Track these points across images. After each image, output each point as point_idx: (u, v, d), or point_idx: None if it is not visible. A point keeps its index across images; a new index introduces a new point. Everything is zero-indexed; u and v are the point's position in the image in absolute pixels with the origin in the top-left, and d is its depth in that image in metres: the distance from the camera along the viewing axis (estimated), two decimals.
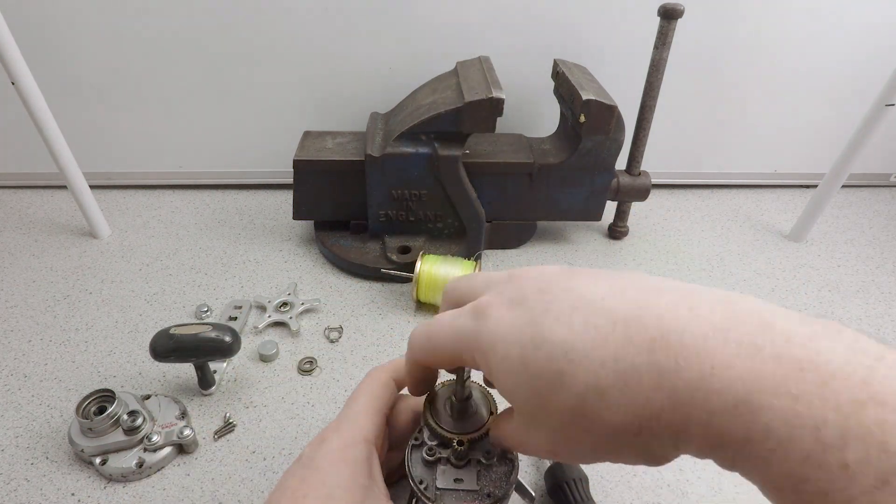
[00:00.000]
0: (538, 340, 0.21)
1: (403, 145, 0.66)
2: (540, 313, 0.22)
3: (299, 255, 0.75)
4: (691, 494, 0.47)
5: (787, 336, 0.18)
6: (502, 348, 0.23)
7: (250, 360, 0.59)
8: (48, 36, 0.75)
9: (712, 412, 0.18)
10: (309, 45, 0.78)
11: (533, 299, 0.23)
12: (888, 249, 0.81)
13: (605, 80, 0.71)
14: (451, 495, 0.31)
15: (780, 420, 0.16)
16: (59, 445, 0.49)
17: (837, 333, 0.17)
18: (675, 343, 0.19)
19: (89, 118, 0.83)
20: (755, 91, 0.85)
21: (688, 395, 0.18)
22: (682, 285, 0.21)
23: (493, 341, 0.23)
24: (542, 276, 0.24)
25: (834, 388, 0.16)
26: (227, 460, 0.49)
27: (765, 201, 0.92)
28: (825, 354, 0.17)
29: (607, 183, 0.73)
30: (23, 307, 0.65)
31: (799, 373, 0.17)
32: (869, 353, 0.17)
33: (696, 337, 0.18)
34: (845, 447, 0.15)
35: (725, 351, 0.18)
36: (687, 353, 0.18)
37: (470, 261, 0.66)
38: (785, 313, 0.19)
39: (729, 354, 0.18)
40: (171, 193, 0.89)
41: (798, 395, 0.16)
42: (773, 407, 0.17)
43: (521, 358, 0.22)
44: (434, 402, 0.33)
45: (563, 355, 0.21)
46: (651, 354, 0.19)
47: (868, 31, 0.80)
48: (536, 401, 0.22)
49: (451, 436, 0.31)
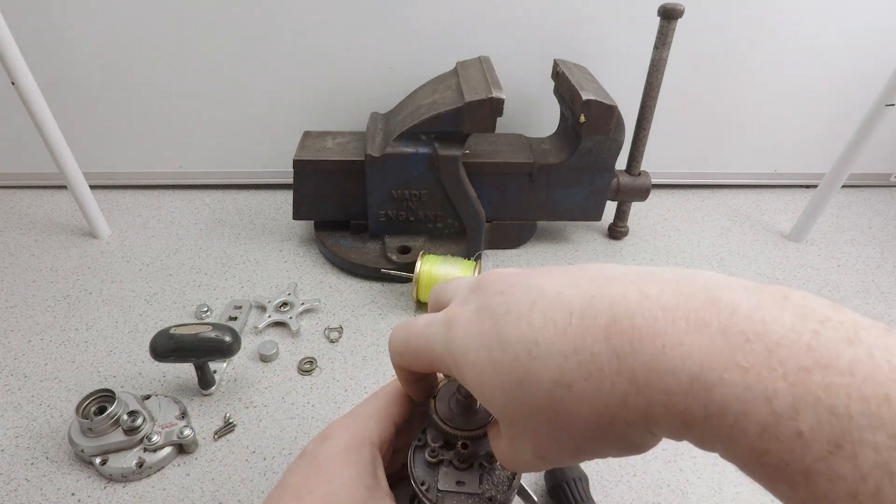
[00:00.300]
0: (502, 343, 0.22)
1: (403, 145, 0.66)
2: (502, 315, 0.22)
3: (299, 255, 0.75)
4: (691, 494, 0.47)
5: (732, 309, 0.18)
6: (472, 356, 0.23)
7: (250, 360, 0.59)
8: (48, 36, 0.75)
9: (670, 392, 0.18)
10: (309, 46, 0.78)
11: (495, 303, 0.23)
12: (888, 249, 0.81)
13: (605, 80, 0.71)
14: (452, 497, 0.31)
15: (733, 395, 0.17)
16: (59, 445, 0.49)
17: (784, 300, 0.18)
18: (627, 327, 0.19)
19: (89, 118, 0.83)
20: (755, 91, 0.85)
21: (645, 376, 0.18)
22: (636, 269, 0.21)
23: (463, 350, 0.23)
24: (502, 279, 0.24)
25: (780, 356, 0.16)
26: (227, 460, 0.49)
27: (765, 201, 0.92)
28: (770, 324, 0.17)
29: (607, 183, 0.73)
30: (23, 307, 0.65)
31: (746, 344, 0.17)
32: (814, 316, 0.17)
33: (647, 318, 0.19)
34: (797, 415, 0.16)
35: (675, 329, 0.18)
36: (640, 335, 0.18)
37: (470, 261, 0.66)
38: (732, 285, 0.19)
39: (678, 332, 0.18)
40: (171, 193, 0.89)
41: (747, 368, 0.16)
42: (724, 382, 0.17)
43: (490, 363, 0.22)
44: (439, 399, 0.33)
45: (526, 354, 0.21)
46: (607, 341, 0.19)
47: (868, 32, 0.80)
48: (512, 405, 0.22)
49: (455, 432, 0.31)
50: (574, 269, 0.23)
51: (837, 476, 0.15)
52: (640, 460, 0.50)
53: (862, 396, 0.15)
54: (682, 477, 0.48)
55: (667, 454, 0.50)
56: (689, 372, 0.17)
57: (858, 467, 0.15)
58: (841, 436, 0.15)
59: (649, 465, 0.49)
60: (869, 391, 0.15)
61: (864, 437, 0.15)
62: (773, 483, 0.17)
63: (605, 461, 0.49)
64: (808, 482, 0.16)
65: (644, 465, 0.49)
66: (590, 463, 0.49)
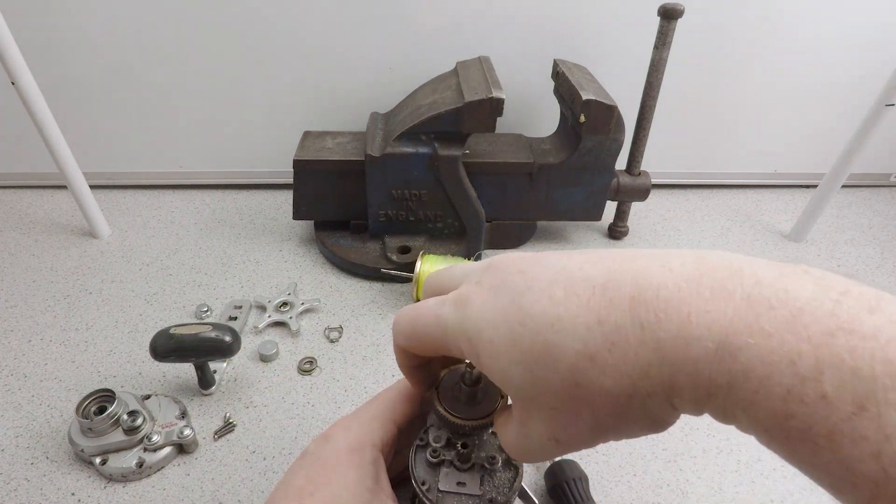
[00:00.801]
0: (523, 318, 0.22)
1: (403, 145, 0.66)
2: (521, 292, 0.22)
3: (299, 255, 0.75)
4: (691, 494, 0.47)
5: (756, 279, 0.18)
6: (489, 333, 0.23)
7: (250, 360, 0.59)
8: (48, 36, 0.75)
9: (696, 360, 0.18)
10: (309, 46, 0.78)
11: (512, 281, 0.23)
12: (888, 249, 0.81)
13: (605, 80, 0.71)
14: (452, 498, 0.31)
15: (758, 359, 0.17)
16: (59, 445, 0.49)
17: (804, 273, 0.18)
18: (652, 298, 0.19)
19: (89, 118, 0.83)
20: (755, 91, 0.85)
21: (671, 345, 0.18)
22: (653, 250, 0.22)
23: (479, 328, 0.23)
24: (519, 260, 0.25)
25: (804, 321, 0.17)
26: (227, 460, 0.49)
27: (765, 201, 0.92)
28: (793, 292, 0.17)
29: (607, 183, 0.73)
30: (23, 307, 0.65)
31: (770, 311, 0.17)
32: (835, 287, 0.17)
33: (671, 289, 0.19)
34: (821, 377, 0.16)
35: (700, 299, 0.18)
36: (664, 306, 0.19)
37: (470, 260, 0.66)
38: (753, 260, 0.19)
39: (704, 301, 0.18)
40: (171, 193, 0.89)
41: (771, 332, 0.17)
42: (749, 346, 0.17)
43: (509, 338, 0.22)
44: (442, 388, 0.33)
45: (549, 327, 0.21)
46: (632, 312, 0.19)
47: (868, 32, 0.80)
48: (530, 378, 0.22)
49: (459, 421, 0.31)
50: (591, 251, 0.23)
51: (861, 437, 0.15)
52: (641, 460, 0.50)
53: (886, 359, 0.15)
54: (682, 477, 0.48)
55: (667, 454, 0.50)
56: (714, 339, 0.17)
57: (882, 428, 0.15)
58: (865, 397, 0.15)
59: (649, 465, 0.49)
60: (893, 353, 0.15)
61: (888, 397, 0.15)
62: (794, 448, 0.17)
63: (605, 461, 0.49)
64: (832, 444, 0.16)
65: (644, 465, 0.49)
66: (590, 463, 0.49)
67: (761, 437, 0.18)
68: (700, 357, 0.18)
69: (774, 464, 0.49)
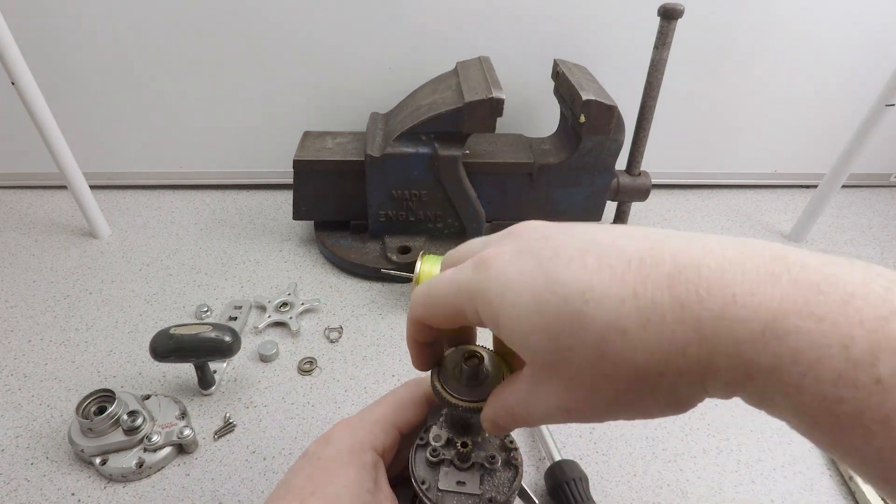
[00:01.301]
0: (551, 283, 0.21)
1: (403, 145, 0.66)
2: (549, 258, 0.22)
3: (299, 255, 0.75)
4: (691, 494, 0.47)
5: (801, 264, 0.18)
6: (511, 296, 0.22)
7: (250, 360, 0.59)
8: (48, 36, 0.75)
9: (739, 341, 0.18)
10: (309, 46, 0.78)
11: (539, 246, 0.23)
12: (888, 249, 0.81)
13: (605, 80, 0.71)
14: (452, 497, 0.31)
15: (808, 342, 0.16)
16: (59, 445, 0.49)
17: (849, 262, 0.18)
18: (693, 276, 0.19)
19: (89, 118, 0.83)
20: (755, 91, 0.85)
21: (712, 325, 0.18)
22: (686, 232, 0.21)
23: (501, 290, 0.22)
24: (544, 227, 0.24)
25: (856, 306, 0.16)
26: (227, 460, 0.49)
27: (765, 201, 0.92)
28: (842, 277, 0.17)
29: (607, 183, 0.73)
30: (23, 307, 0.65)
31: (819, 295, 0.17)
32: (883, 275, 0.17)
33: (713, 270, 0.19)
34: (876, 362, 0.15)
35: (745, 279, 0.18)
36: (707, 285, 0.18)
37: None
38: (794, 248, 0.19)
39: (749, 282, 0.18)
40: (171, 193, 0.89)
41: (822, 316, 0.16)
42: (799, 329, 0.17)
43: (534, 303, 0.21)
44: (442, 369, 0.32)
45: (579, 296, 0.20)
46: (671, 289, 0.19)
47: (868, 32, 0.80)
48: (553, 346, 0.21)
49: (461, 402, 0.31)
50: (621, 226, 0.23)
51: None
52: (641, 460, 0.50)
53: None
54: (683, 477, 0.48)
55: (667, 454, 0.50)
56: (761, 320, 0.17)
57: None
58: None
59: (649, 466, 0.49)
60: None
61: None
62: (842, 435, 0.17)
63: (605, 461, 0.49)
64: (887, 430, 0.15)
65: (644, 465, 0.49)
66: (590, 463, 0.49)
67: (803, 422, 0.18)
68: (744, 338, 0.17)
69: (774, 464, 0.49)
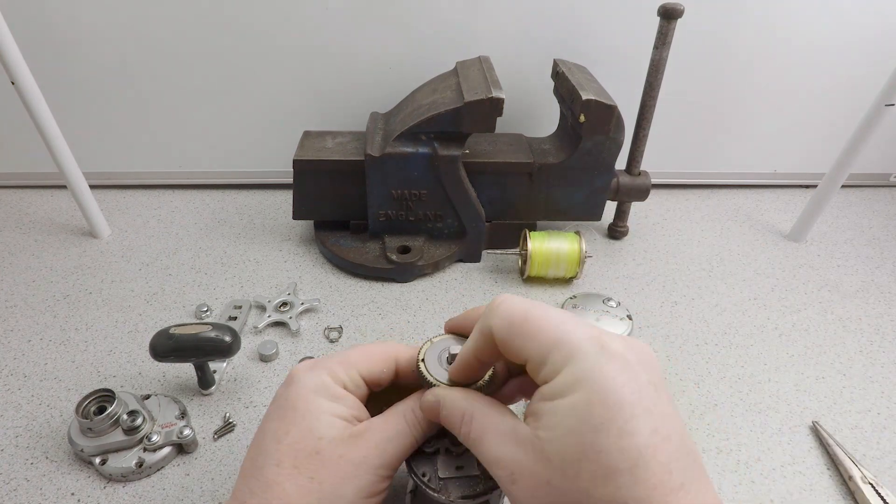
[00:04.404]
0: (658, 403, 0.25)
1: (403, 145, 0.66)
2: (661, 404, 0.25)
3: (299, 255, 0.75)
4: None
5: None
6: (609, 407, 0.24)
7: (250, 360, 0.59)
8: (48, 36, 0.75)
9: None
10: (309, 45, 0.78)
11: (657, 379, 0.26)
12: (888, 249, 0.81)
13: (605, 80, 0.71)
14: (454, 483, 0.32)
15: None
16: (59, 445, 0.49)
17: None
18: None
19: (89, 118, 0.83)
20: (755, 91, 0.85)
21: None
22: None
23: (612, 388, 0.24)
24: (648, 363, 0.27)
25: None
26: (227, 460, 0.49)
27: (765, 201, 0.92)
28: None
29: (607, 183, 0.73)
30: (23, 307, 0.65)
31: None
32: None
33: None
34: None
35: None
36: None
37: (573, 233, 0.70)
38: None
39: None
40: (171, 193, 0.89)
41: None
42: None
43: (596, 424, 0.24)
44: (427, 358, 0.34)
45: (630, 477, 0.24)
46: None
47: (868, 32, 0.80)
48: (578, 454, 0.24)
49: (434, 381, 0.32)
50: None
51: None
52: None
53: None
54: None
55: None
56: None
57: None
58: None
59: None
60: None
61: None
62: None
63: None
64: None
65: None
66: None
67: None
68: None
69: (774, 464, 0.49)
